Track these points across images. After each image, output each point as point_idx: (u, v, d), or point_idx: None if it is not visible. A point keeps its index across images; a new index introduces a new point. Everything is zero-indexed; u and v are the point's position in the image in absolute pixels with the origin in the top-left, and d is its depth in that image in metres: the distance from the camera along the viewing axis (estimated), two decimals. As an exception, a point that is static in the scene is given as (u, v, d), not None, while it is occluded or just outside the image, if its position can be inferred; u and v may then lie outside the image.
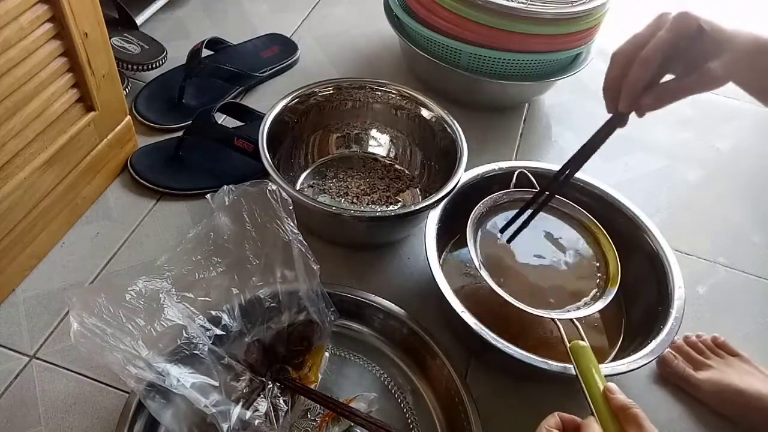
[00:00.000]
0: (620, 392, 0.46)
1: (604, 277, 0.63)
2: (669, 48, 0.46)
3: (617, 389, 0.47)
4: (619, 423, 0.44)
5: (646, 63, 0.47)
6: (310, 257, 0.56)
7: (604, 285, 0.62)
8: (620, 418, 0.45)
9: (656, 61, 0.46)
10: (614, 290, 0.61)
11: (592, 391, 0.48)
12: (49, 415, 0.59)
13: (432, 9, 0.85)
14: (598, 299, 0.60)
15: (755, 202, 0.89)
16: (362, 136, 0.85)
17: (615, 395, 0.46)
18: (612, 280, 0.62)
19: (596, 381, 0.49)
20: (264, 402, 0.55)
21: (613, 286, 0.61)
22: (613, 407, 0.45)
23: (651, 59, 0.46)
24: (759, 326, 0.74)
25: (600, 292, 0.61)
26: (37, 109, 0.62)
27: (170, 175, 0.79)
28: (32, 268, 0.69)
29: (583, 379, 0.50)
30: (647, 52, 0.47)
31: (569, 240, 0.66)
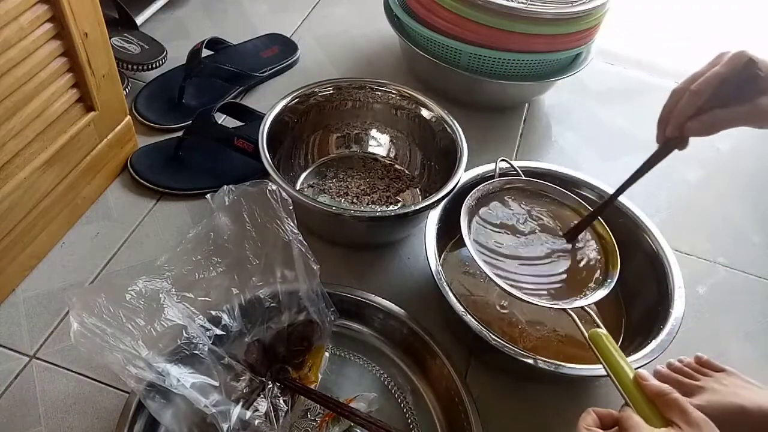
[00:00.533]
0: (652, 378, 0.44)
1: (604, 261, 0.62)
2: (721, 81, 0.49)
3: (649, 375, 0.44)
4: (658, 410, 0.42)
5: (696, 94, 0.50)
6: (310, 257, 0.56)
7: (605, 270, 0.61)
8: (658, 405, 0.42)
9: (707, 91, 0.49)
10: (616, 273, 0.60)
11: (622, 380, 0.45)
12: (49, 415, 0.59)
13: (432, 9, 0.85)
14: (602, 285, 0.59)
15: (755, 202, 0.89)
16: (362, 136, 0.85)
17: (649, 381, 0.43)
18: (612, 264, 0.61)
19: (624, 368, 0.46)
20: (264, 402, 0.55)
21: (614, 269, 0.60)
22: (649, 394, 0.43)
23: (701, 91, 0.49)
24: (759, 326, 0.74)
25: (602, 278, 0.61)
26: (37, 109, 0.62)
27: (170, 175, 0.79)
28: (32, 268, 0.69)
29: (609, 368, 0.47)
30: (698, 84, 0.50)
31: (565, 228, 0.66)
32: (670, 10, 1.29)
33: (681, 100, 0.51)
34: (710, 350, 0.70)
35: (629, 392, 0.44)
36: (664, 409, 0.42)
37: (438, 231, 0.67)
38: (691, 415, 0.40)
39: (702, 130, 0.50)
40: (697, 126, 0.50)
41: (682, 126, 0.51)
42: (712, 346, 0.71)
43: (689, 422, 0.40)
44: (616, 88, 1.05)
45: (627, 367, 0.46)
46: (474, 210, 0.65)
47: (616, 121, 0.98)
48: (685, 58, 1.13)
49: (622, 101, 1.03)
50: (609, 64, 1.10)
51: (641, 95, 1.04)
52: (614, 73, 1.09)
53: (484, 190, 0.66)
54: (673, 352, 0.59)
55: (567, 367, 0.57)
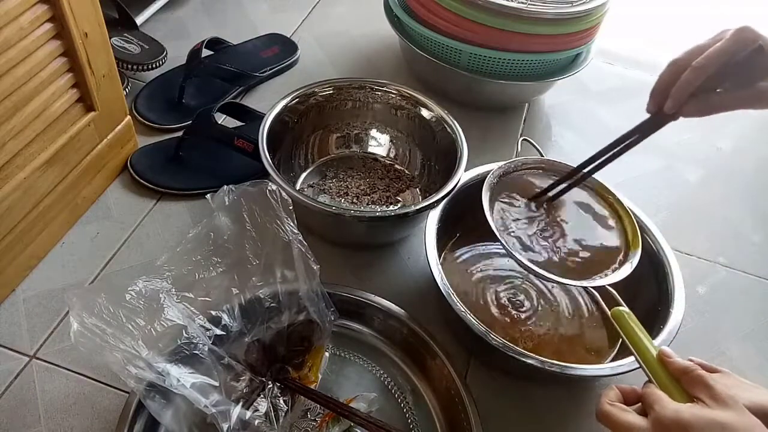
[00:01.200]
0: (676, 355, 0.44)
1: (625, 242, 0.62)
2: (725, 59, 0.47)
3: (673, 353, 0.44)
4: (683, 388, 0.42)
5: (699, 69, 0.48)
6: (310, 257, 0.56)
7: (626, 251, 0.61)
8: (683, 382, 0.42)
9: (709, 68, 0.47)
10: (638, 252, 0.59)
11: (646, 357, 0.45)
12: (49, 415, 0.59)
13: (432, 9, 0.85)
14: (624, 264, 0.59)
15: (755, 202, 0.89)
16: (362, 136, 0.85)
17: (673, 359, 0.43)
18: (633, 244, 0.61)
19: (647, 346, 0.46)
20: (264, 402, 0.55)
21: (635, 249, 0.60)
22: (673, 371, 0.43)
23: (705, 66, 0.47)
24: (759, 326, 0.74)
25: (623, 259, 0.60)
26: (37, 109, 0.61)
27: (170, 175, 0.79)
28: (32, 268, 0.69)
29: (632, 345, 0.47)
30: (702, 59, 0.48)
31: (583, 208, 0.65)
32: (670, 10, 1.29)
33: (682, 74, 0.49)
34: (710, 350, 0.71)
35: (653, 369, 0.44)
36: (689, 386, 0.41)
37: (438, 231, 0.66)
38: (716, 389, 0.40)
39: (700, 111, 0.49)
40: (696, 108, 0.49)
41: (680, 104, 0.49)
42: (712, 346, 0.71)
43: (714, 397, 0.39)
44: (616, 88, 1.05)
45: (650, 344, 0.46)
46: (495, 188, 0.65)
47: (616, 121, 0.98)
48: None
49: (622, 101, 1.03)
50: (609, 64, 1.10)
51: (641, 95, 1.03)
52: (614, 73, 1.09)
53: (506, 168, 0.66)
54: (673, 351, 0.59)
55: (567, 367, 0.57)
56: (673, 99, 0.50)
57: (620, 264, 0.60)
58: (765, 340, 0.72)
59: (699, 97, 0.49)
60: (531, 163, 0.68)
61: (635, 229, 0.62)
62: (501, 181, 0.66)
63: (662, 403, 0.40)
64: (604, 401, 0.43)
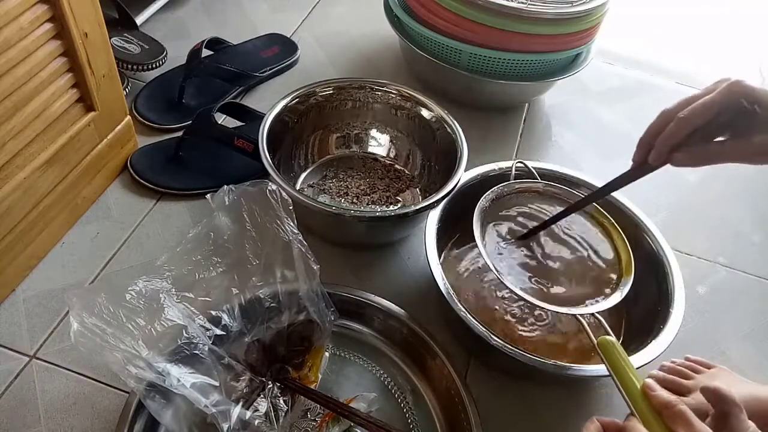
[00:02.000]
0: (661, 389, 0.43)
1: (618, 268, 0.61)
2: (714, 112, 0.45)
3: (657, 385, 0.43)
4: (664, 422, 0.41)
5: (683, 121, 0.47)
6: (310, 257, 0.56)
7: (618, 277, 0.61)
8: (664, 416, 0.41)
9: (695, 121, 0.46)
10: (630, 280, 0.59)
11: (629, 389, 0.45)
12: (49, 415, 0.59)
13: (432, 9, 0.85)
14: (615, 291, 0.59)
15: (755, 202, 0.89)
16: (362, 136, 0.85)
17: (656, 392, 0.42)
18: (626, 270, 0.60)
19: (631, 378, 0.45)
20: (264, 402, 0.55)
21: (627, 276, 0.60)
22: (656, 405, 0.42)
23: (689, 119, 0.46)
24: (759, 326, 0.74)
25: (615, 285, 0.60)
26: (37, 109, 0.61)
27: (170, 175, 0.79)
28: (32, 268, 0.69)
29: (616, 377, 0.47)
30: (687, 112, 0.46)
31: (579, 233, 0.65)
32: (669, 9, 1.29)
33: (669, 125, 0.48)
34: (710, 350, 0.71)
35: (635, 402, 0.44)
36: (670, 421, 0.41)
37: (438, 231, 0.67)
38: (695, 426, 0.39)
39: (689, 161, 0.47)
40: (685, 157, 0.47)
41: (666, 154, 0.48)
42: (712, 346, 0.71)
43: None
44: (616, 88, 1.05)
45: (635, 376, 0.46)
46: (487, 212, 0.65)
47: (616, 121, 0.98)
48: (685, 58, 1.13)
49: (622, 101, 1.03)
50: (609, 64, 1.10)
51: (641, 95, 1.05)
52: (614, 73, 1.09)
53: (498, 192, 0.66)
54: (673, 352, 0.59)
55: (567, 367, 0.57)
56: (656, 150, 0.49)
57: (612, 290, 0.59)
58: (765, 340, 0.72)
59: (690, 148, 0.47)
60: (524, 186, 0.68)
61: (629, 255, 0.62)
62: (494, 204, 0.66)
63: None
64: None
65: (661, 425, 0.41)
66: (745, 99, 0.44)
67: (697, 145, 0.47)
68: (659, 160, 0.49)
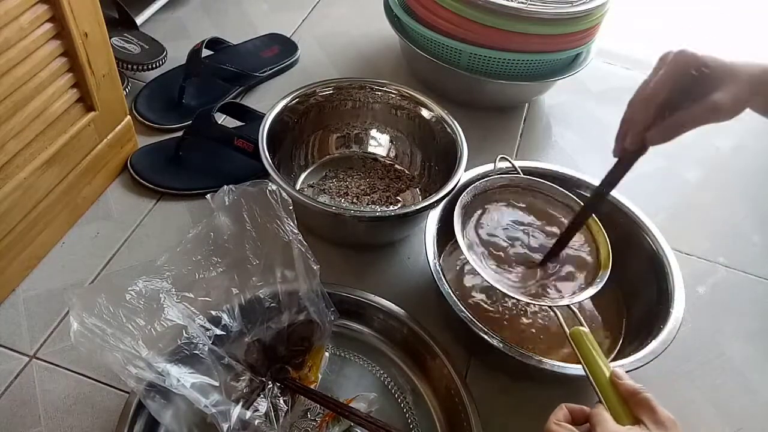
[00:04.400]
0: (628, 377, 0.45)
1: (596, 262, 0.62)
2: (671, 85, 0.48)
3: (624, 374, 0.45)
4: (630, 409, 0.43)
5: (647, 102, 0.49)
6: (310, 257, 0.56)
7: (596, 270, 0.61)
8: (630, 403, 0.43)
9: (657, 99, 0.48)
10: (606, 274, 0.60)
11: (598, 378, 0.46)
12: (49, 415, 0.59)
13: (432, 9, 0.85)
14: (591, 284, 0.60)
15: (755, 202, 0.89)
16: (362, 136, 0.85)
17: (623, 380, 0.45)
18: (604, 265, 0.61)
19: (601, 367, 0.47)
20: (264, 402, 0.55)
21: (605, 270, 0.60)
22: (622, 393, 0.44)
23: (650, 98, 0.49)
24: (759, 326, 0.74)
25: (592, 277, 0.61)
26: (37, 109, 0.62)
27: (170, 175, 0.79)
28: (32, 268, 0.69)
29: (586, 366, 0.48)
30: (646, 92, 0.49)
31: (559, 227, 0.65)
32: (669, 9, 1.29)
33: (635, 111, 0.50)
34: (710, 350, 0.71)
35: (603, 390, 0.45)
36: (635, 408, 0.43)
37: (438, 231, 0.67)
38: (659, 414, 0.41)
39: (663, 136, 0.49)
40: (657, 135, 0.49)
41: (641, 136, 0.50)
42: (712, 346, 0.71)
43: (656, 421, 0.41)
44: (616, 88, 1.05)
45: (604, 365, 0.47)
46: (469, 207, 0.65)
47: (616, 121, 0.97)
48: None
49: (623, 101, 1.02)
50: (609, 64, 1.10)
51: (641, 95, 1.04)
52: (614, 73, 1.09)
53: (480, 187, 0.66)
54: (673, 352, 0.59)
55: (567, 367, 0.57)
56: (630, 136, 0.51)
57: (588, 284, 0.60)
58: (765, 340, 0.72)
59: (659, 124, 0.49)
60: (507, 180, 0.68)
61: (608, 249, 0.62)
62: (476, 199, 0.66)
63: (604, 424, 0.42)
64: (552, 421, 0.44)
65: (627, 412, 0.43)
66: (691, 65, 0.47)
67: (665, 120, 0.49)
68: (636, 144, 0.51)
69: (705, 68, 0.47)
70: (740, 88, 0.46)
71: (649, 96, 0.49)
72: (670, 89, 0.48)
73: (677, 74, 0.47)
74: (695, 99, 0.47)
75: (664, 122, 0.49)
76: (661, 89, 0.48)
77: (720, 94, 0.46)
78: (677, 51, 0.48)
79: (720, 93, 0.46)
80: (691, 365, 0.69)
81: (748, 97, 0.46)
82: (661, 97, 0.48)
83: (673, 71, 0.48)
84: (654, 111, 0.49)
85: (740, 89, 0.46)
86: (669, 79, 0.48)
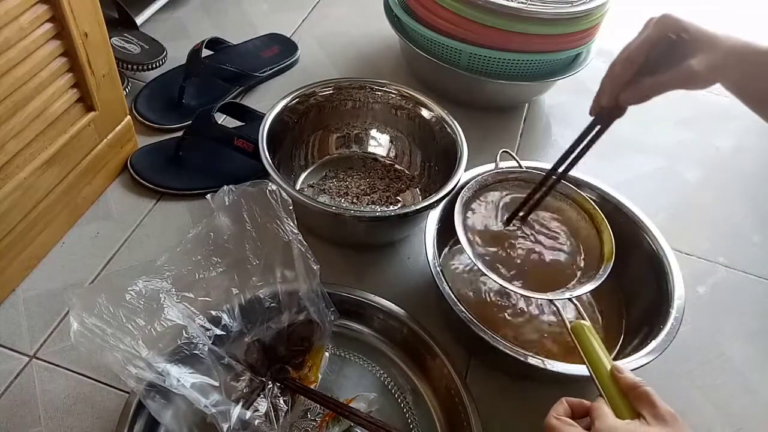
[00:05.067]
0: (628, 371, 0.45)
1: (599, 256, 0.62)
2: (650, 47, 0.49)
3: (625, 368, 0.45)
4: (630, 403, 0.43)
5: (626, 61, 0.50)
6: (310, 257, 0.56)
7: (599, 263, 0.61)
8: (630, 397, 0.43)
9: (637, 59, 0.49)
10: (609, 267, 0.60)
11: (599, 371, 0.46)
12: (49, 415, 0.59)
13: (432, 9, 0.85)
14: (593, 278, 0.60)
15: (755, 202, 0.89)
16: (362, 136, 0.85)
17: (623, 374, 0.44)
18: (606, 258, 0.61)
19: (602, 360, 0.47)
20: (264, 402, 0.55)
21: (607, 263, 0.60)
22: (623, 386, 0.44)
23: (631, 58, 0.50)
24: (759, 326, 0.74)
25: (595, 271, 0.61)
26: (37, 109, 0.62)
27: (170, 175, 0.79)
28: (32, 268, 0.69)
29: (587, 359, 0.48)
30: (628, 52, 0.50)
31: (563, 220, 0.66)
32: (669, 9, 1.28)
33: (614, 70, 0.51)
34: (710, 350, 0.71)
35: (604, 384, 0.45)
36: (635, 401, 0.43)
37: (438, 231, 0.66)
38: (659, 408, 0.41)
39: (636, 97, 0.50)
40: (631, 94, 0.50)
41: (616, 95, 0.51)
42: (712, 346, 0.71)
43: (656, 415, 0.41)
44: (616, 88, 1.05)
45: (606, 359, 0.47)
46: (470, 202, 0.65)
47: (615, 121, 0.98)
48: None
49: (622, 101, 1.03)
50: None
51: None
52: (614, 73, 1.09)
53: (481, 181, 0.66)
54: (673, 352, 0.59)
55: (568, 367, 0.57)
56: (608, 92, 0.52)
57: (590, 277, 0.60)
58: (765, 340, 0.72)
59: (633, 84, 0.50)
60: (508, 174, 0.68)
61: (611, 242, 0.62)
62: (477, 194, 0.66)
63: (603, 418, 0.42)
64: (552, 415, 0.44)
65: (627, 406, 0.43)
66: (671, 30, 0.48)
67: (640, 81, 0.50)
68: (610, 101, 0.52)
69: (684, 33, 0.48)
70: (717, 56, 0.46)
71: (628, 57, 0.50)
72: (649, 50, 0.49)
73: (657, 37, 0.48)
74: (672, 63, 0.48)
75: (639, 83, 0.50)
76: (641, 51, 0.49)
77: (695, 61, 0.47)
78: (661, 15, 0.49)
79: (696, 59, 0.47)
80: (691, 365, 0.69)
81: (722, 68, 0.46)
82: (640, 59, 0.49)
83: (654, 34, 0.49)
84: (632, 71, 0.50)
85: (717, 58, 0.46)
86: (650, 41, 0.49)
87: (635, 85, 0.50)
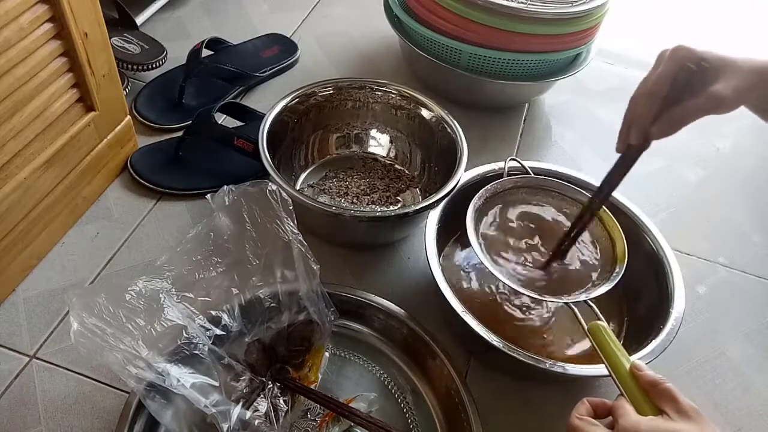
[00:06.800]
0: (648, 368, 0.45)
1: (612, 257, 0.62)
2: (670, 80, 0.49)
3: (645, 366, 0.45)
4: (651, 400, 0.43)
5: (651, 96, 0.50)
6: (310, 257, 0.56)
7: (612, 264, 0.61)
8: (651, 394, 0.43)
9: (660, 93, 0.49)
10: (623, 268, 0.60)
11: (618, 370, 0.46)
12: (49, 415, 0.59)
13: (432, 9, 0.85)
14: (607, 280, 0.59)
15: (755, 202, 0.89)
16: (362, 136, 0.85)
17: (643, 372, 0.44)
18: (620, 259, 0.61)
19: (620, 359, 0.47)
20: (264, 402, 0.55)
21: (621, 264, 0.60)
22: (643, 384, 0.44)
23: (654, 93, 0.49)
24: (759, 326, 0.74)
25: (608, 272, 0.60)
26: (37, 109, 0.62)
27: (170, 175, 0.79)
28: (32, 268, 0.69)
29: (606, 359, 0.48)
30: (650, 87, 0.50)
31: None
32: (670, 9, 1.29)
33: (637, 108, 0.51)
34: (710, 350, 0.71)
35: (624, 382, 0.45)
36: (657, 398, 0.43)
37: (438, 231, 0.66)
38: (681, 404, 0.41)
39: (666, 131, 0.50)
40: (663, 127, 0.50)
41: (645, 131, 0.51)
42: (712, 346, 0.71)
43: (679, 411, 0.41)
44: (616, 88, 1.05)
45: (624, 358, 0.47)
46: (482, 210, 0.65)
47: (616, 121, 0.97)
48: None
49: (622, 101, 1.02)
50: (609, 64, 1.10)
51: (641, 95, 1.04)
52: (614, 73, 1.09)
53: (492, 190, 0.66)
54: (673, 351, 0.59)
55: (568, 367, 0.57)
56: (635, 130, 0.52)
57: (604, 279, 0.60)
58: (765, 340, 0.72)
59: (661, 118, 0.50)
60: (518, 182, 0.68)
61: (623, 243, 0.62)
62: (488, 202, 0.66)
63: (626, 416, 0.42)
64: (574, 415, 0.44)
65: (648, 403, 0.43)
66: (689, 60, 0.48)
67: (668, 113, 0.50)
68: (640, 138, 0.52)
69: (704, 62, 0.48)
70: (741, 79, 0.47)
71: (651, 91, 0.50)
72: (671, 83, 0.49)
73: (677, 69, 0.48)
74: (696, 92, 0.48)
75: (667, 115, 0.50)
76: (663, 83, 0.49)
77: (721, 85, 0.47)
78: (674, 47, 0.49)
79: (720, 84, 0.47)
80: (691, 365, 0.69)
81: (748, 88, 0.47)
82: (663, 92, 0.49)
83: (672, 66, 0.49)
84: (658, 105, 0.50)
85: (741, 80, 0.47)
86: (669, 73, 0.49)
87: (664, 118, 0.50)
